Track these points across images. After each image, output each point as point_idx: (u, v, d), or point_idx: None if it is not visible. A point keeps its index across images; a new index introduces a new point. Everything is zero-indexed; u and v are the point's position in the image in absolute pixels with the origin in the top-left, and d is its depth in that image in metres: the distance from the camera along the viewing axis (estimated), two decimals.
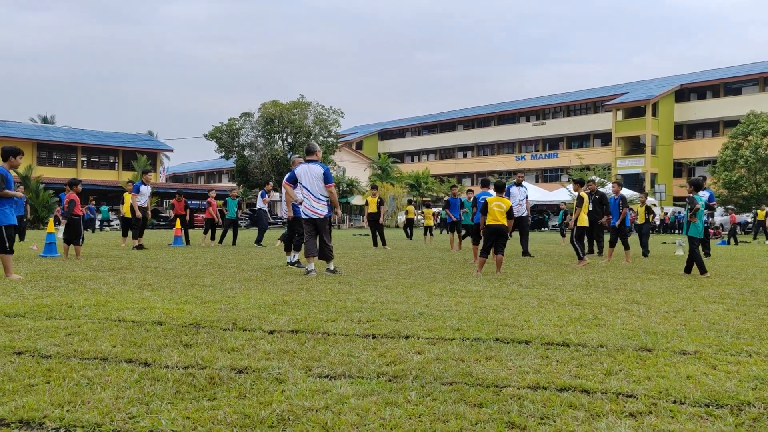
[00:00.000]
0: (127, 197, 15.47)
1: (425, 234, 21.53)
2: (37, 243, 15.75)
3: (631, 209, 18.31)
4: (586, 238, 12.69)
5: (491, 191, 10.69)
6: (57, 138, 50.88)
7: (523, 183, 14.59)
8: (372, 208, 17.31)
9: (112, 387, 3.13)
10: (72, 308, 5.46)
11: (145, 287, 7.07)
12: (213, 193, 18.21)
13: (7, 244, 7.96)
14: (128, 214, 15.23)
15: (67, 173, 49.14)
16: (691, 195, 9.85)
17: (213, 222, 17.59)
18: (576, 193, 11.69)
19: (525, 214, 13.97)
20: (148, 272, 8.95)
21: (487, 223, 9.45)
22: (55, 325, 4.66)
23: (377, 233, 16.97)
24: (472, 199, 14.42)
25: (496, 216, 9.35)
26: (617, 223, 12.76)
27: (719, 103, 54.53)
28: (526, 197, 14.15)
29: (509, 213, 9.42)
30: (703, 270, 9.31)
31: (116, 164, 54.34)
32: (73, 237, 11.63)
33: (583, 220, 11.32)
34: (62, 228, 11.79)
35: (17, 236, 15.75)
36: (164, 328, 4.59)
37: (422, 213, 26.57)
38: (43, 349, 3.89)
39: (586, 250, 12.61)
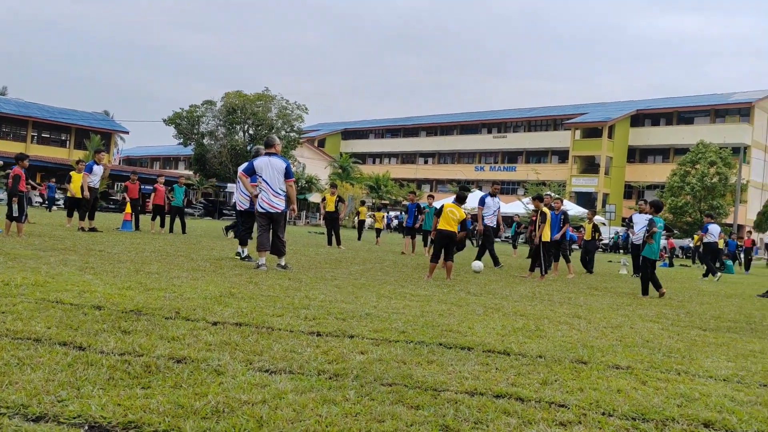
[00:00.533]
0: (76, 176, 14.99)
1: (378, 236, 22.34)
2: None
3: (581, 227, 18.75)
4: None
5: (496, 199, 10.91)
6: (8, 110, 48.94)
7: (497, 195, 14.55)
8: (330, 207, 17.23)
9: (43, 368, 3.04)
10: (8, 286, 5.27)
11: (87, 270, 6.87)
12: (161, 179, 17.77)
13: None
14: (78, 194, 14.76)
15: (16, 147, 47.28)
16: (651, 217, 9.82)
17: (161, 208, 17.21)
18: (532, 208, 11.94)
19: (494, 225, 13.80)
20: (92, 255, 8.70)
21: (438, 227, 9.57)
22: None
23: (332, 232, 16.93)
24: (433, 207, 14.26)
25: (450, 221, 9.46)
26: (557, 236, 12.88)
27: (672, 130, 56.55)
28: (499, 208, 13.94)
29: (462, 223, 9.55)
30: (658, 286, 9.42)
31: (68, 142, 52.63)
32: (11, 213, 11.20)
33: (547, 235, 11.48)
34: (16, 206, 11.30)
35: None
36: (103, 313, 4.47)
37: (373, 216, 26.89)
38: None
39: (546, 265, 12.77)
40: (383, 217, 24.56)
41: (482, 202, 13.78)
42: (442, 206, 9.71)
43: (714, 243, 17.47)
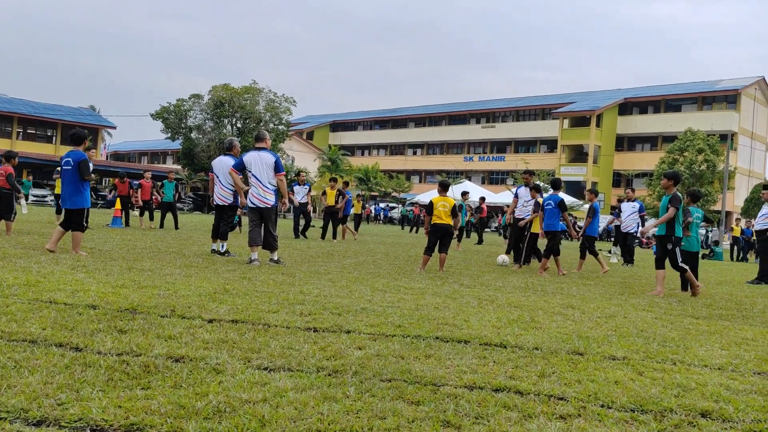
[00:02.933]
0: None
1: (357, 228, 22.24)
2: None
3: (571, 215, 18.81)
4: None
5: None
6: None
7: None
8: (330, 201, 17.21)
9: (40, 371, 3.01)
10: (0, 287, 5.22)
11: (79, 268, 6.81)
12: (148, 175, 17.70)
13: None
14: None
15: (2, 144, 46.75)
16: (687, 207, 9.12)
17: (148, 203, 17.18)
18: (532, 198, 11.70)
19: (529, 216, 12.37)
20: (83, 252, 8.63)
21: (432, 222, 9.55)
22: None
23: (331, 225, 16.95)
24: (533, 203, 11.96)
25: (441, 215, 9.46)
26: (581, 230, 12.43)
27: (659, 118, 56.87)
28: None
29: (453, 212, 9.54)
30: (693, 284, 8.55)
31: (54, 138, 52.09)
32: (3, 212, 11.10)
33: (537, 227, 11.25)
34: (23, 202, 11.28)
35: None
36: (98, 312, 4.44)
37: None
38: None
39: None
40: (362, 205, 24.45)
41: (516, 194, 12.57)
42: (431, 202, 9.68)
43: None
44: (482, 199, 23.12)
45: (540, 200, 11.36)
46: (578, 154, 58.32)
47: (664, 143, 54.07)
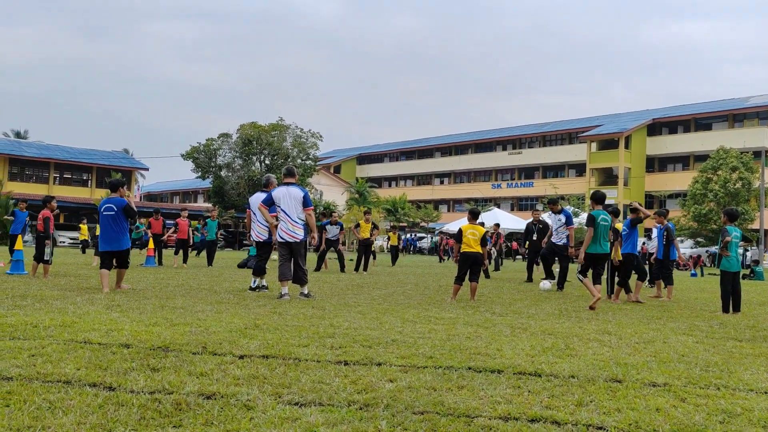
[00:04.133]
0: None
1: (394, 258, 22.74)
2: (4, 260, 15.36)
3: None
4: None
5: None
6: (30, 153, 50.04)
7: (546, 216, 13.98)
8: (365, 234, 17.27)
9: (74, 411, 3.04)
10: (37, 328, 5.32)
11: (113, 308, 6.92)
12: (185, 214, 18.01)
13: None
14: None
15: (39, 189, 48.24)
16: (724, 226, 9.08)
17: (185, 242, 17.42)
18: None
19: (565, 243, 12.79)
20: (117, 293, 8.78)
21: (461, 251, 9.48)
22: (18, 346, 4.52)
23: (363, 258, 16.97)
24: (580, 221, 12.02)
25: (470, 243, 9.38)
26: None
27: (690, 137, 55.98)
28: (564, 224, 12.75)
29: (483, 240, 9.45)
30: (725, 308, 8.76)
31: (89, 181, 53.56)
32: (41, 255, 11.38)
33: (619, 254, 10.66)
34: (48, 249, 11.51)
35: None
36: (131, 351, 4.48)
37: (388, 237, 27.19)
38: (5, 371, 3.77)
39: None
40: (398, 237, 24.49)
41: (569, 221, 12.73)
42: (460, 230, 9.62)
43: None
44: (497, 225, 22.93)
45: (618, 227, 10.72)
46: (608, 177, 57.60)
47: (696, 162, 53.06)
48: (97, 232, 15.18)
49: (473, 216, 9.69)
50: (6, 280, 10.47)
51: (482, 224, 9.86)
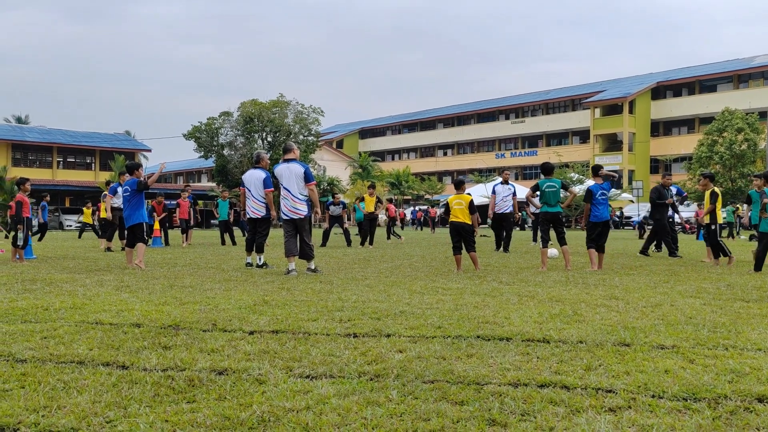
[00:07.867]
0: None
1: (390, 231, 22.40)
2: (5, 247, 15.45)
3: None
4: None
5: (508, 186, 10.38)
6: (32, 138, 50.05)
7: (509, 181, 14.88)
8: (369, 208, 17.33)
9: (88, 391, 3.08)
10: (48, 311, 5.37)
11: (123, 289, 6.97)
12: (185, 194, 18.14)
13: None
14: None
15: (43, 174, 48.42)
16: (764, 188, 9.26)
17: (186, 222, 17.63)
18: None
19: (509, 211, 14.30)
20: (126, 274, 8.84)
21: (450, 221, 9.54)
22: (30, 329, 4.57)
23: (368, 233, 17.01)
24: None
25: (457, 214, 9.39)
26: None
27: (695, 100, 55.42)
28: (513, 194, 14.40)
29: (471, 207, 9.41)
30: (758, 267, 9.19)
31: (93, 165, 53.62)
32: (20, 242, 11.16)
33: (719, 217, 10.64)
34: (21, 234, 11.24)
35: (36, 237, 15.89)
36: (142, 330, 4.53)
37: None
38: (18, 354, 3.82)
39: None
40: (394, 210, 24.35)
41: (493, 190, 14.46)
42: (447, 203, 9.66)
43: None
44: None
45: (717, 190, 10.75)
46: (612, 143, 57.24)
47: (701, 125, 52.64)
48: (102, 215, 15.25)
49: (457, 187, 9.71)
50: (15, 264, 10.55)
51: (468, 194, 9.82)
